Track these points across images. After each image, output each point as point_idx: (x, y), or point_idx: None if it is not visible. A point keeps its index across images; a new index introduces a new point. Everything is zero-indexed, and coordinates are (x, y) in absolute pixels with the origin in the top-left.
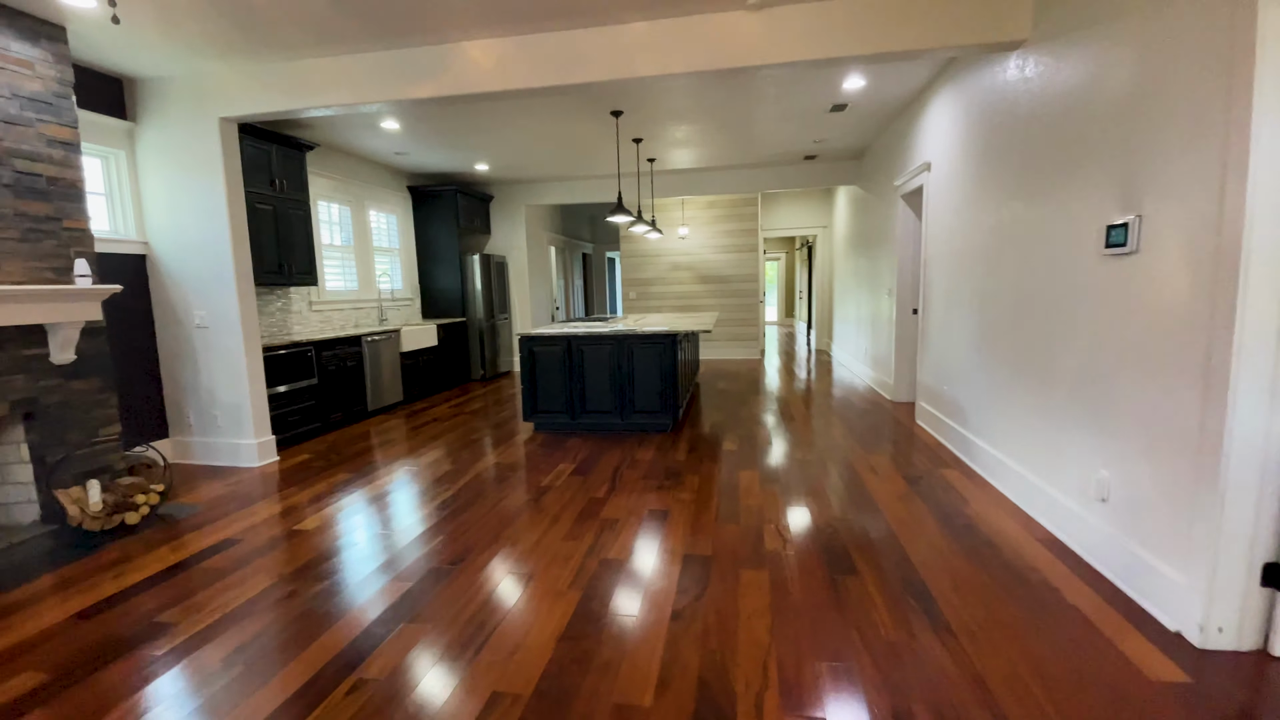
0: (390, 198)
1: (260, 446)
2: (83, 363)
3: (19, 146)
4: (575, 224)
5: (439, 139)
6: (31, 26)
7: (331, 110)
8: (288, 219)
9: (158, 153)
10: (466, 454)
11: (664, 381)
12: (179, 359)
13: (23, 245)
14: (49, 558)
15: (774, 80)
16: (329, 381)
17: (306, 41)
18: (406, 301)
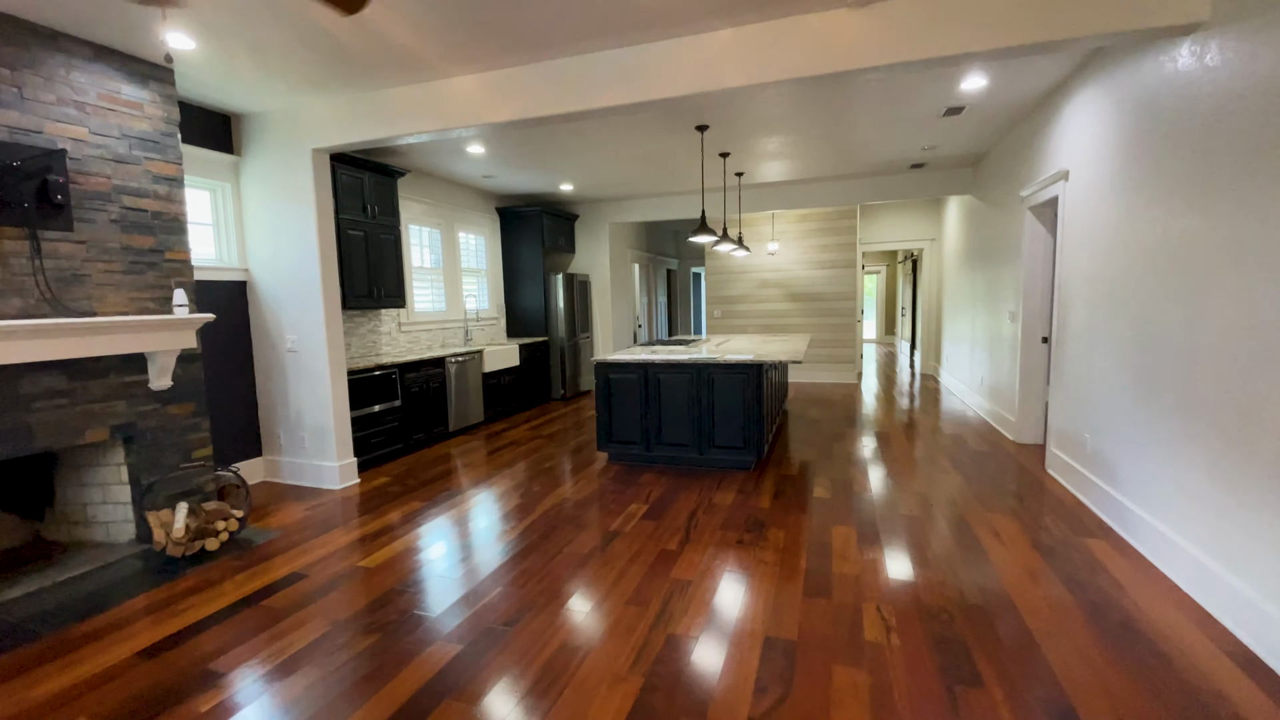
0: (479, 219)
1: (342, 469)
2: (178, 388)
3: (127, 184)
4: (660, 240)
5: (524, 161)
6: (142, 70)
7: (415, 138)
8: (378, 243)
9: (258, 183)
10: (538, 485)
11: (747, 415)
12: (272, 381)
13: (127, 277)
14: (133, 582)
15: (879, 84)
16: (412, 403)
17: (390, 71)
18: (492, 321)
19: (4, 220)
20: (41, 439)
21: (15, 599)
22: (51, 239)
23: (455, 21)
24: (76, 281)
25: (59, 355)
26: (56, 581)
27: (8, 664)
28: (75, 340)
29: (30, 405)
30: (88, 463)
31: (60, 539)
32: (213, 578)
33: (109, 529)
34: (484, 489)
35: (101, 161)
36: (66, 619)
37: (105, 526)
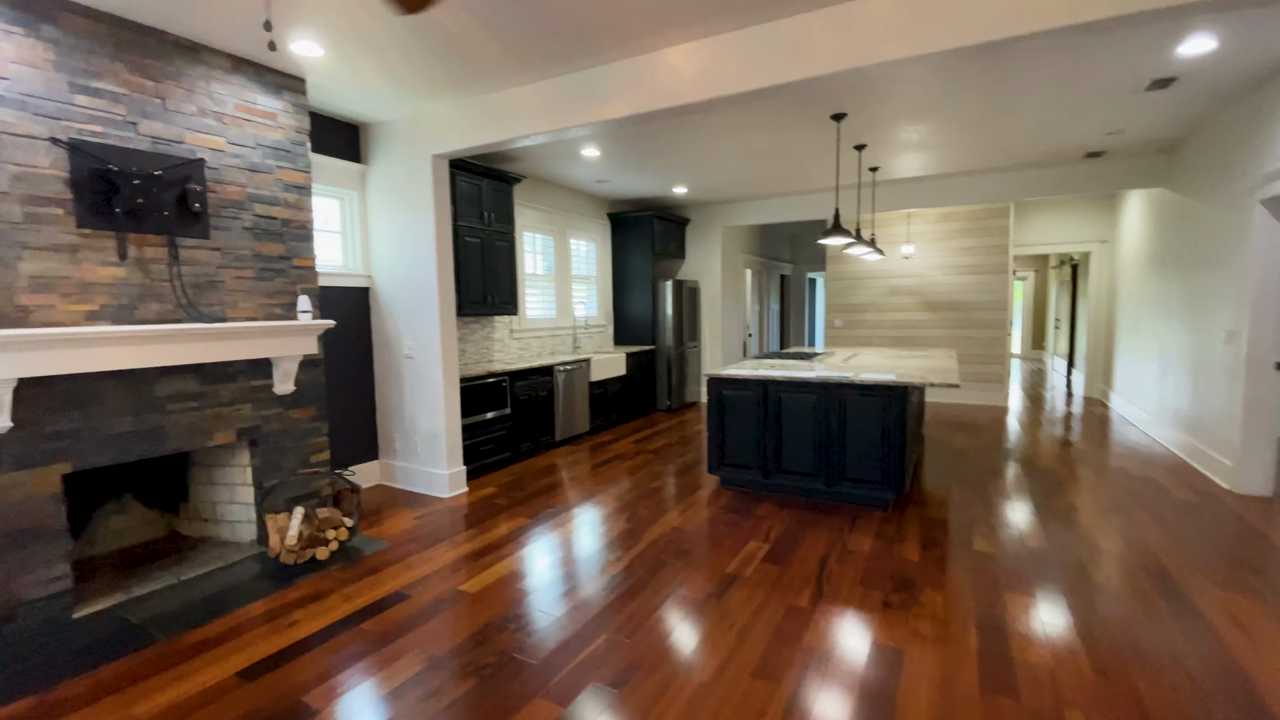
0: (591, 226)
1: (451, 477)
2: (301, 393)
3: (260, 192)
4: (774, 244)
5: (637, 163)
6: (276, 80)
7: (532, 139)
8: (494, 250)
9: (381, 191)
10: (645, 509)
11: (887, 445)
12: (389, 386)
13: (257, 283)
14: (248, 587)
15: (1068, 51)
16: (521, 411)
17: (506, 69)
18: (600, 328)
19: (146, 228)
20: (174, 440)
21: (143, 596)
22: (189, 246)
23: (567, 13)
24: (210, 287)
25: (193, 359)
26: (182, 580)
27: (121, 671)
28: (208, 345)
29: (165, 407)
30: (217, 463)
31: (192, 534)
32: (320, 589)
33: (234, 528)
34: (588, 508)
35: (237, 170)
36: (183, 624)
37: (231, 525)
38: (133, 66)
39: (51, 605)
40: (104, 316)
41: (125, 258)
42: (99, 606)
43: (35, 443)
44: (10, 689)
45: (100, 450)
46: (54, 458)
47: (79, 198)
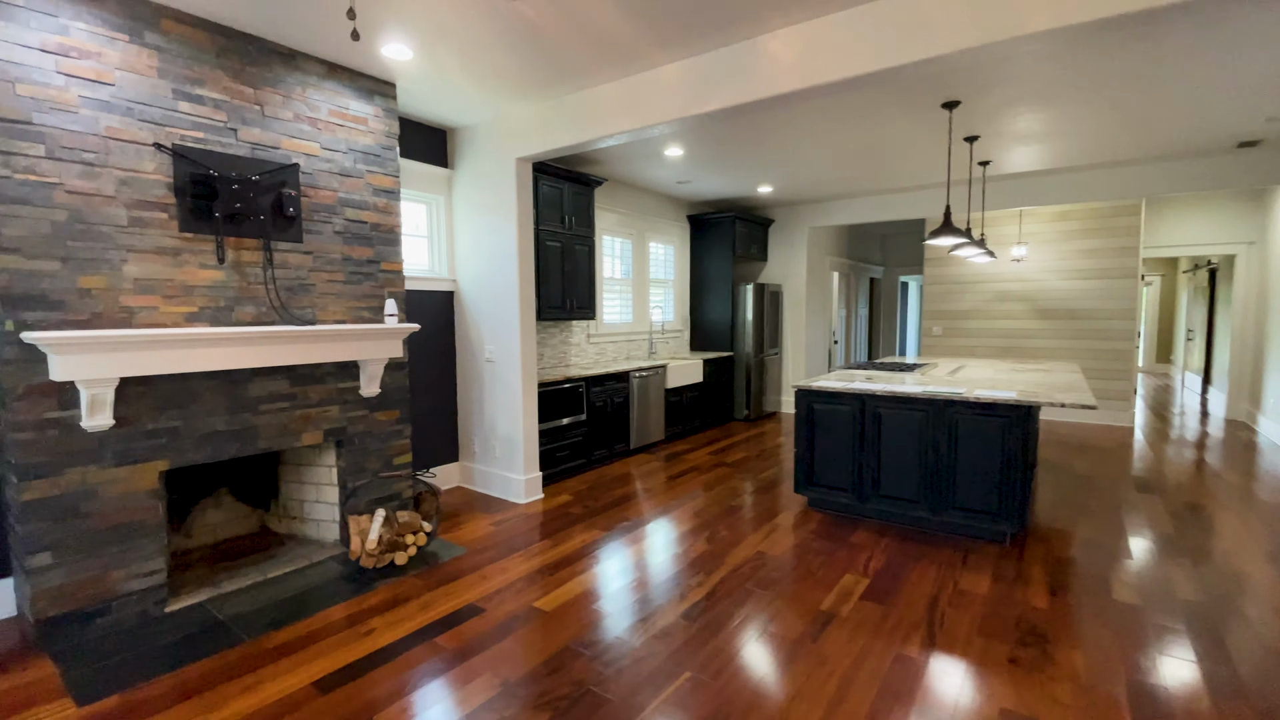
0: (670, 228)
1: (528, 483)
2: (385, 395)
3: (351, 196)
4: (863, 245)
5: (722, 162)
6: (368, 85)
7: (616, 139)
8: (573, 254)
9: (467, 195)
10: (726, 529)
11: (1005, 471)
12: (470, 389)
13: (346, 287)
14: (329, 589)
15: (1226, 21)
16: (597, 417)
17: (590, 66)
18: (676, 333)
19: (244, 232)
20: (265, 440)
21: (232, 593)
22: (283, 250)
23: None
24: (302, 290)
25: (285, 361)
26: (268, 577)
27: (204, 672)
28: (300, 347)
29: (257, 407)
30: (305, 462)
31: (280, 531)
32: (398, 595)
33: (319, 527)
34: (666, 523)
35: (329, 175)
36: (266, 624)
37: (316, 524)
38: (233, 73)
39: (145, 599)
40: (202, 318)
41: (223, 261)
42: (190, 601)
43: (135, 440)
44: (98, 686)
45: (196, 448)
46: (153, 455)
47: (181, 202)
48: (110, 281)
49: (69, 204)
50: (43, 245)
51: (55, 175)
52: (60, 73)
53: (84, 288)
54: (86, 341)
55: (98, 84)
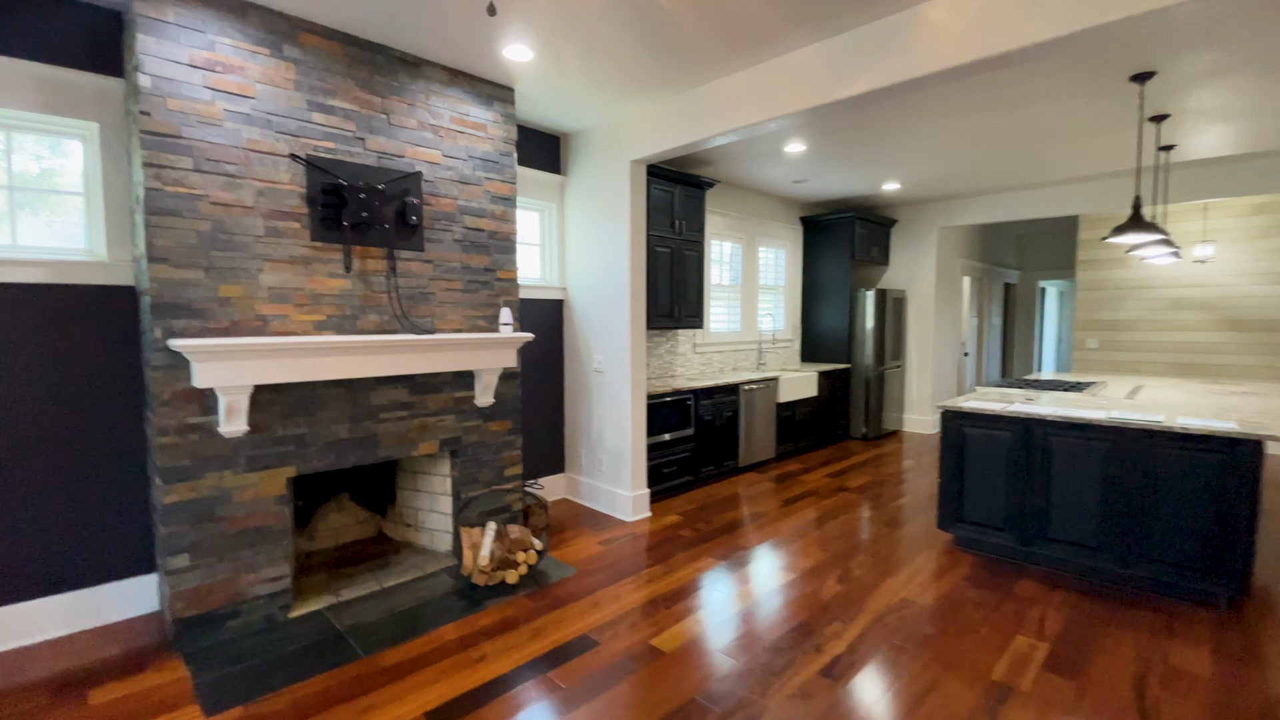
0: (781, 231)
1: (635, 500)
2: (498, 406)
3: (469, 204)
4: (997, 246)
5: (846, 157)
6: (487, 91)
7: (740, 133)
8: (683, 260)
9: (578, 201)
10: (859, 567)
11: (1223, 520)
12: (579, 400)
13: (464, 295)
14: (441, 605)
15: None
16: (704, 432)
17: (720, 53)
18: (786, 343)
19: (369, 240)
20: (385, 448)
21: (350, 601)
22: (405, 258)
23: None
24: (422, 299)
25: (406, 370)
26: (384, 587)
27: (321, 690)
28: (421, 356)
29: (378, 416)
30: (421, 470)
31: (396, 537)
32: (508, 617)
33: (433, 536)
34: (786, 555)
35: (449, 183)
36: (381, 640)
37: (430, 534)
38: (362, 83)
39: (271, 604)
40: (329, 326)
41: (350, 270)
42: (311, 607)
43: (266, 446)
44: (225, 696)
45: (321, 455)
46: (282, 461)
47: (312, 212)
48: (247, 290)
49: (212, 215)
50: (189, 255)
51: (201, 187)
52: (207, 87)
53: (224, 296)
54: (227, 349)
55: (240, 97)
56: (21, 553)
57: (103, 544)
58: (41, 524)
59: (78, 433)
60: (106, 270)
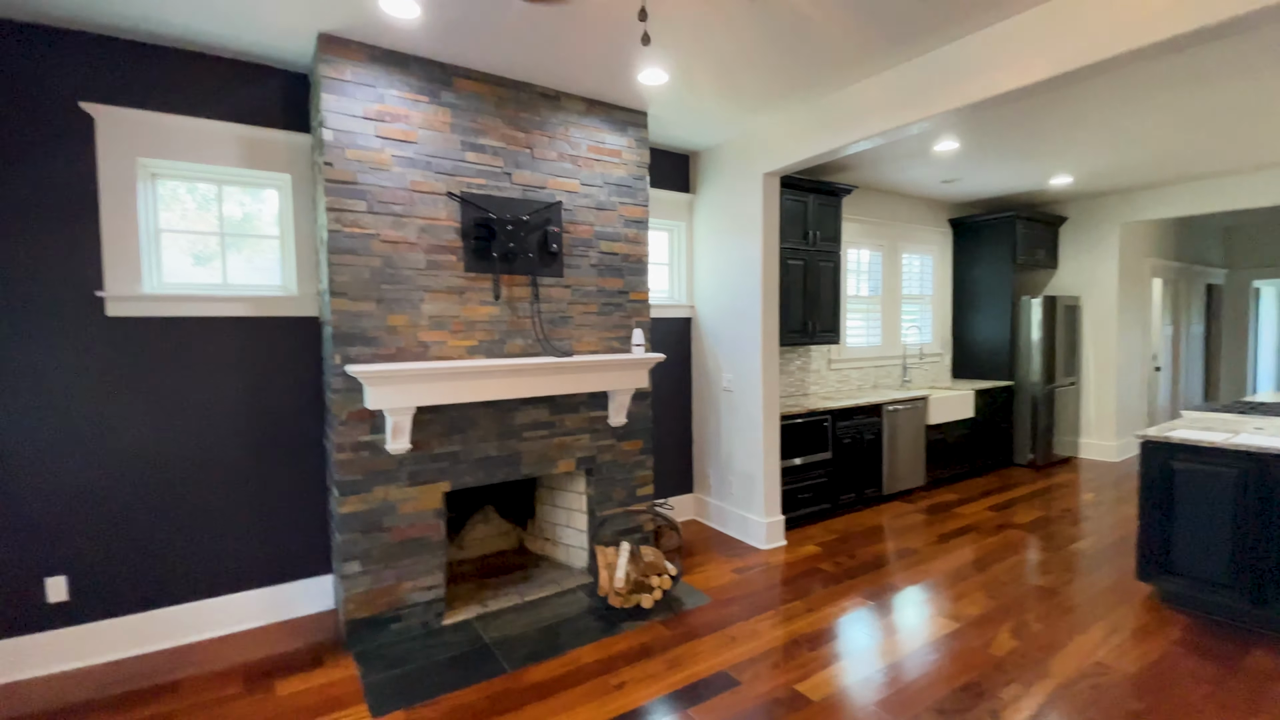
0: (927, 236)
1: (769, 527)
2: (631, 425)
3: (604, 229)
4: (1198, 242)
5: (1007, 151)
6: (621, 118)
7: (885, 137)
8: (816, 272)
9: (707, 218)
10: (1037, 620)
11: None
12: (706, 419)
13: (599, 318)
14: (578, 624)
15: None
16: (843, 456)
17: (865, 54)
18: (934, 358)
19: (515, 269)
20: (527, 466)
21: (495, 612)
22: (546, 284)
23: None
24: (561, 322)
25: (547, 391)
26: (525, 600)
27: (470, 702)
28: (561, 378)
29: (521, 434)
30: (558, 487)
31: (535, 550)
32: (645, 643)
33: (569, 552)
34: (945, 597)
35: (586, 210)
36: (524, 655)
37: (566, 549)
38: (508, 121)
39: (427, 611)
40: (480, 351)
41: (499, 297)
42: (462, 616)
43: (425, 463)
44: (389, 698)
45: (472, 471)
46: (438, 477)
47: (466, 244)
48: (410, 319)
49: (382, 252)
50: (363, 289)
51: (373, 227)
52: (378, 136)
53: (391, 325)
54: (394, 374)
55: (405, 143)
56: (222, 552)
57: (289, 546)
58: (239, 526)
59: (272, 447)
60: (296, 303)
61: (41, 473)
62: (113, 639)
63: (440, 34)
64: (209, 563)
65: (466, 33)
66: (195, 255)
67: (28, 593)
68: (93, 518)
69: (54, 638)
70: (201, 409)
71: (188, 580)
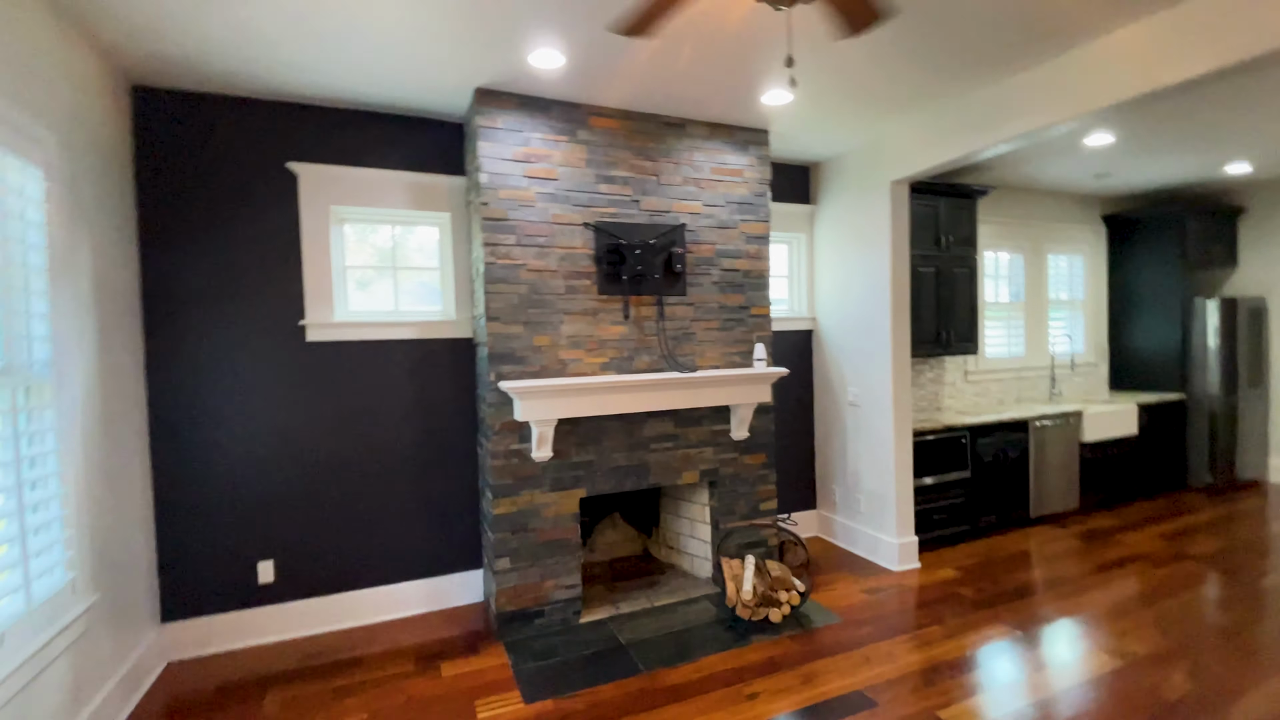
0: (1076, 234)
1: (901, 548)
2: (753, 439)
3: (726, 247)
4: None
5: (1172, 141)
6: (743, 138)
7: (1025, 140)
8: (950, 279)
9: (829, 228)
10: (1218, 662)
11: None
12: (830, 434)
13: (721, 333)
14: (708, 632)
15: None
16: (983, 475)
17: (1000, 58)
18: (1088, 367)
19: (642, 290)
20: (654, 476)
21: (627, 615)
22: (671, 303)
23: None
24: (685, 339)
25: (672, 405)
26: (654, 605)
27: (611, 698)
28: (684, 392)
29: (649, 446)
30: (682, 498)
31: (659, 558)
32: (775, 656)
33: (692, 561)
34: (1105, 632)
35: (709, 230)
36: (658, 658)
37: (690, 559)
38: (637, 151)
39: (566, 608)
40: (611, 368)
41: (628, 317)
42: (596, 616)
43: (564, 471)
44: (539, 686)
45: (604, 480)
46: (575, 484)
47: (599, 269)
48: (552, 339)
49: (529, 280)
50: (512, 313)
51: (521, 258)
52: (525, 176)
53: (536, 345)
54: (541, 390)
55: (547, 180)
56: (393, 545)
57: (447, 542)
58: (406, 523)
59: (434, 453)
60: (454, 326)
61: (258, 474)
62: (308, 617)
63: (578, 78)
64: (382, 555)
65: (602, 75)
66: (358, 281)
67: (245, 574)
68: (294, 511)
69: (263, 613)
70: (378, 419)
71: (366, 569)
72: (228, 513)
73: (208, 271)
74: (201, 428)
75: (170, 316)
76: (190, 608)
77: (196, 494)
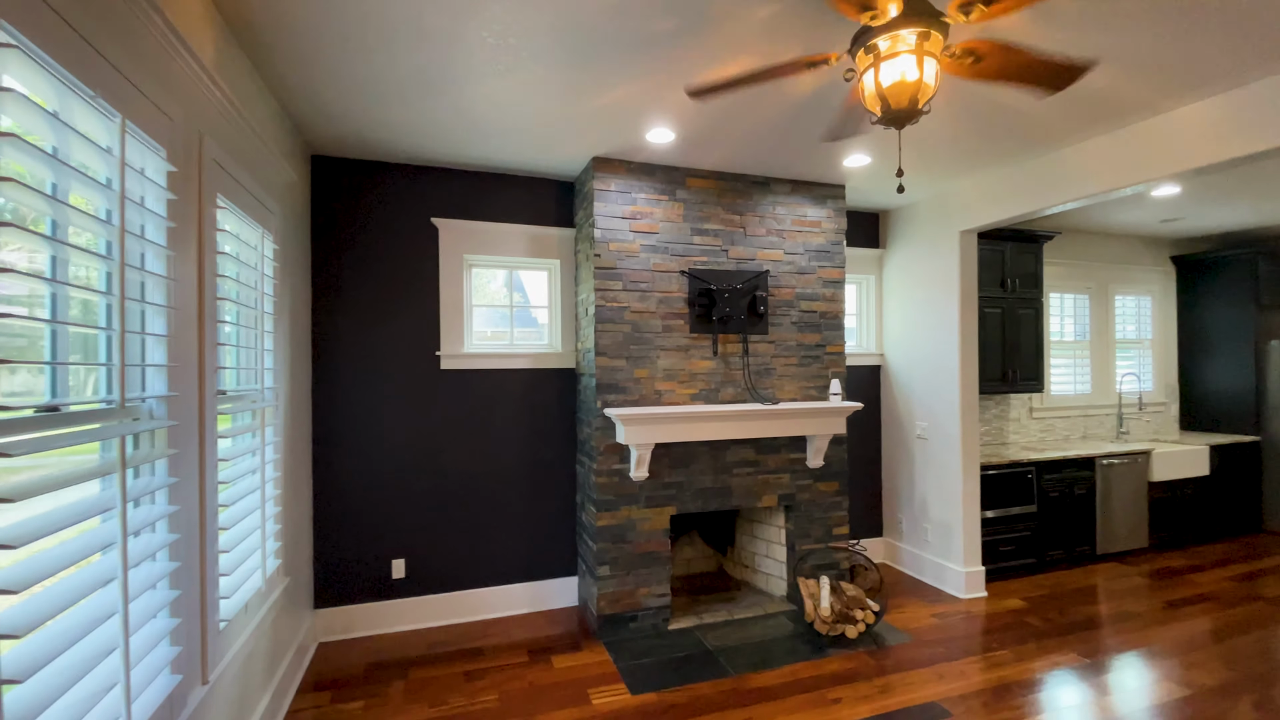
0: (1144, 276)
1: (968, 577)
2: (827, 468)
3: (804, 290)
4: None
5: (1241, 187)
6: (823, 193)
7: (1089, 200)
8: (1015, 320)
9: (898, 271)
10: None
11: None
12: (897, 465)
13: (799, 369)
14: (787, 644)
15: None
16: (1050, 510)
17: (1068, 128)
18: (1158, 407)
19: (729, 329)
20: (735, 499)
21: (711, 625)
22: (754, 341)
23: (1206, 30)
24: (766, 374)
25: (753, 434)
26: (735, 618)
27: (710, 694)
28: (765, 423)
29: (731, 471)
30: (758, 520)
31: (734, 575)
32: (852, 669)
33: (768, 580)
34: (1172, 664)
35: (789, 275)
36: (745, 664)
37: (765, 577)
38: (727, 207)
39: (657, 616)
40: (699, 398)
41: (716, 353)
42: (683, 624)
43: (657, 490)
44: (640, 680)
45: (692, 500)
46: (667, 502)
47: (691, 311)
48: (649, 372)
49: (631, 320)
50: (617, 349)
51: (625, 301)
52: (631, 230)
53: (636, 377)
54: (643, 417)
55: (649, 234)
56: (505, 550)
57: (547, 550)
58: (517, 530)
59: (540, 470)
60: (559, 358)
61: (398, 482)
62: (432, 610)
63: (681, 147)
64: (495, 558)
65: (702, 144)
66: (482, 317)
67: (381, 569)
68: (422, 515)
69: (395, 605)
70: (494, 437)
71: (481, 570)
72: (369, 514)
73: (360, 309)
74: (351, 441)
75: (330, 347)
76: (337, 597)
77: (345, 496)
